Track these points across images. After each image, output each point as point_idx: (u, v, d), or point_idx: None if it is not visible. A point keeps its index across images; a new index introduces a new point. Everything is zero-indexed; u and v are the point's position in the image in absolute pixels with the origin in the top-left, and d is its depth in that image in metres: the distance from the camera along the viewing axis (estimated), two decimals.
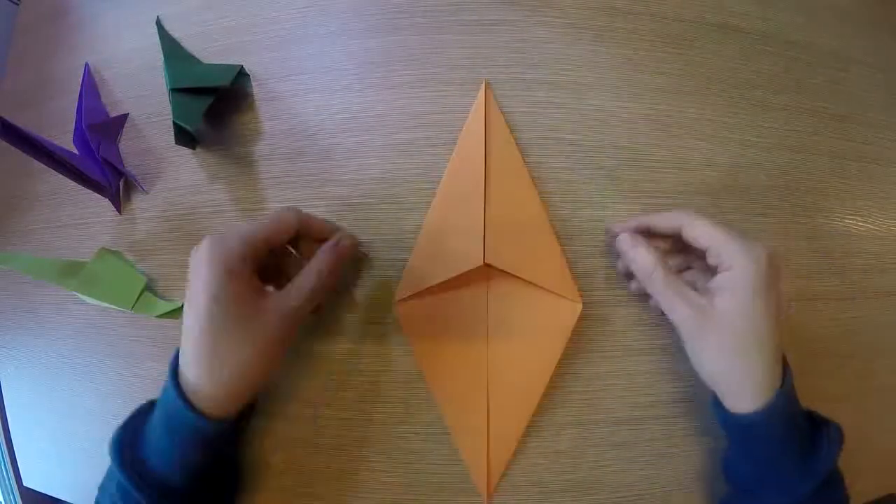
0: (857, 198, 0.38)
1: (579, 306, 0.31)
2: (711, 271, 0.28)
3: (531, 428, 0.33)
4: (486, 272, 0.33)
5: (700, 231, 0.28)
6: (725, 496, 0.31)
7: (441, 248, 0.33)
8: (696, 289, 0.28)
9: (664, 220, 0.30)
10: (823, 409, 0.29)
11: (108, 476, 0.28)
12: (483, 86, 0.34)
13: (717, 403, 0.29)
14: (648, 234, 0.31)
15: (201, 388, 0.26)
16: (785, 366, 0.28)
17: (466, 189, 0.33)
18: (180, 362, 0.26)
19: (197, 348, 0.25)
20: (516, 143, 0.34)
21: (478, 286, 0.33)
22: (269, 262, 0.29)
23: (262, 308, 0.26)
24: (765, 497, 0.28)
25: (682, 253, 0.32)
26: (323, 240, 0.31)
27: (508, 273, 0.32)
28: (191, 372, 0.26)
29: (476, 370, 0.33)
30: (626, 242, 0.30)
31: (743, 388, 0.27)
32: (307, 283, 0.28)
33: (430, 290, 0.33)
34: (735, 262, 0.26)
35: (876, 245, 0.38)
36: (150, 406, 0.29)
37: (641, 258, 0.29)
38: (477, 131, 0.33)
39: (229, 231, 0.27)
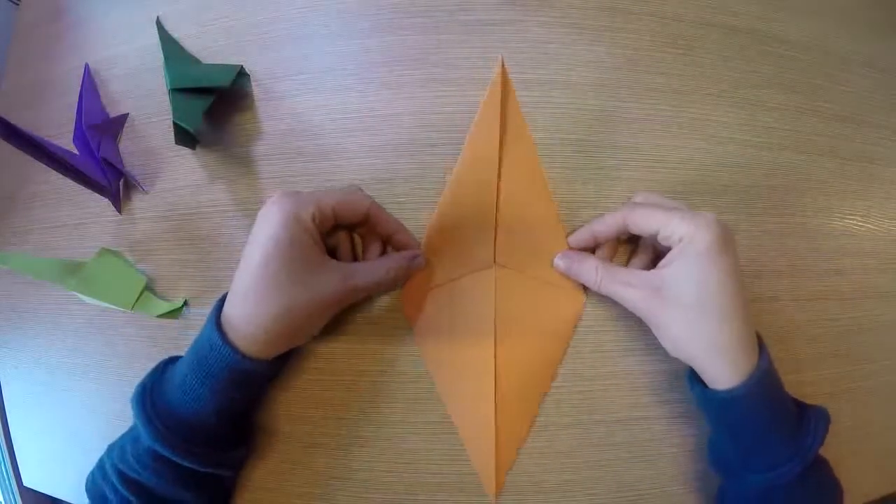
0: (857, 198, 0.38)
1: (583, 296, 0.32)
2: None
3: (531, 428, 0.33)
4: (494, 268, 0.33)
5: (641, 214, 0.28)
6: (719, 490, 0.31)
7: (450, 246, 0.33)
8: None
9: (606, 224, 0.30)
10: None
11: (126, 437, 0.29)
12: (500, 61, 0.31)
13: (694, 383, 0.29)
14: (595, 244, 0.32)
15: (242, 328, 0.26)
16: (761, 343, 0.28)
17: (479, 178, 0.32)
18: (227, 301, 0.27)
19: (250, 283, 0.26)
20: (528, 126, 0.33)
21: (485, 281, 0.33)
22: (331, 243, 0.31)
23: (323, 267, 0.27)
24: (753, 479, 0.27)
25: (637, 253, 0.32)
26: (388, 236, 0.31)
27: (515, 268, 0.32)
28: (236, 308, 0.26)
29: (483, 366, 0.32)
30: (562, 265, 0.31)
31: (717, 360, 0.27)
32: (376, 273, 0.29)
33: (437, 287, 0.33)
34: (682, 231, 0.26)
35: (876, 245, 0.38)
36: (164, 364, 0.30)
37: (585, 269, 0.30)
38: (493, 111, 0.32)
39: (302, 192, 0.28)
